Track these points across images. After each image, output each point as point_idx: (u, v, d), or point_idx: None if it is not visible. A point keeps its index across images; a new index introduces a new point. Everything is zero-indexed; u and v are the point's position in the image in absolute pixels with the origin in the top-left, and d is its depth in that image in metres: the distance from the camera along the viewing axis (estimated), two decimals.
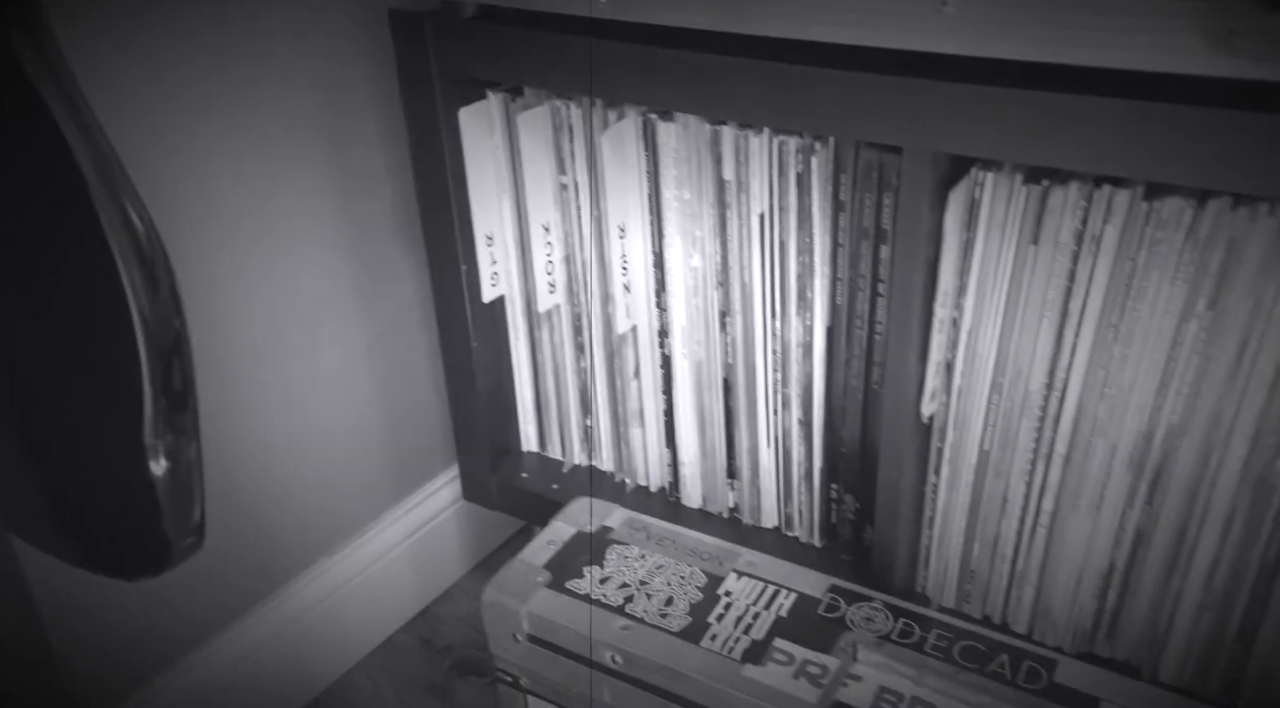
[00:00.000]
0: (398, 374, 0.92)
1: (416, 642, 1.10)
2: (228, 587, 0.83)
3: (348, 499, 0.96)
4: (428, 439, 0.99)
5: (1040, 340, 0.54)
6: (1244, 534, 0.52)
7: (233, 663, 0.84)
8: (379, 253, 0.84)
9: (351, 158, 0.79)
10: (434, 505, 1.09)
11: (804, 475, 0.70)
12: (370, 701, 1.03)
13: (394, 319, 0.88)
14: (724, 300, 0.67)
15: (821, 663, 0.54)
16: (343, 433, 0.89)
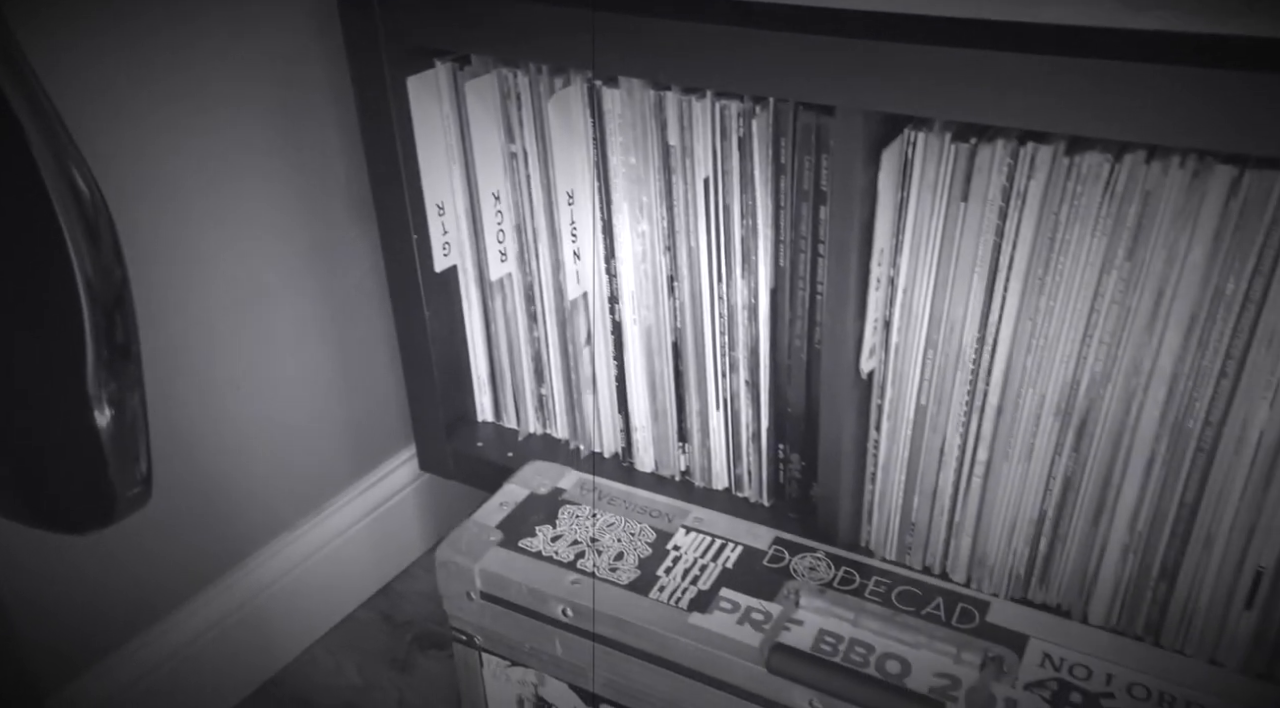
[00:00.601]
0: (354, 351, 0.93)
1: (378, 617, 1.11)
2: (185, 563, 0.83)
3: (306, 476, 0.96)
4: (386, 416, 1.00)
5: (972, 296, 0.56)
6: (1164, 477, 0.54)
7: (192, 638, 0.84)
8: (333, 227, 0.84)
9: (303, 133, 0.79)
10: (394, 483, 1.10)
11: (752, 436, 0.72)
12: (332, 675, 1.04)
13: (349, 295, 0.89)
14: (671, 265, 0.69)
15: (765, 610, 0.56)
16: (300, 410, 0.89)
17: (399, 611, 1.12)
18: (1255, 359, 0.49)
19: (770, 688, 0.53)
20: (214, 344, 0.78)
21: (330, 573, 1.06)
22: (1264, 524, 0.52)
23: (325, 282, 0.85)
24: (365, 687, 1.03)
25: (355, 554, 1.09)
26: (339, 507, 1.04)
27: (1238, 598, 0.55)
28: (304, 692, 1.02)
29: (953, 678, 0.51)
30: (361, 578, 1.12)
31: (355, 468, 1.04)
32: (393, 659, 1.05)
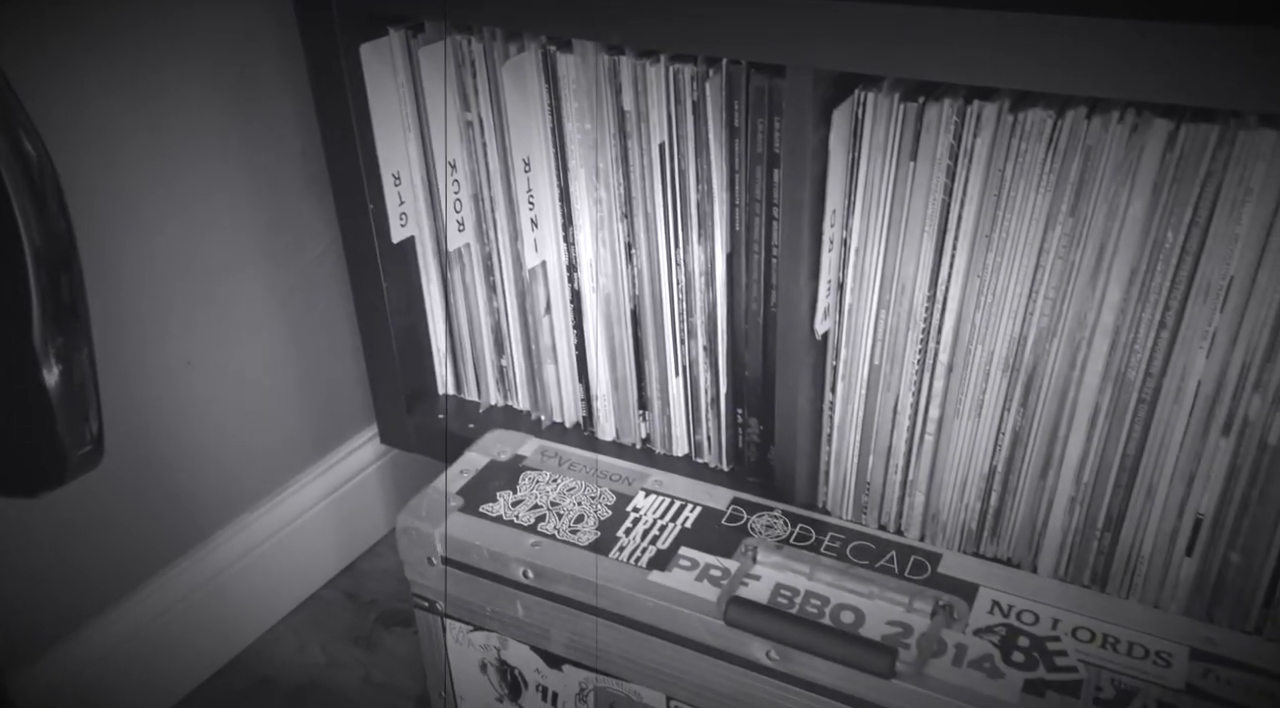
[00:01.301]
0: (314, 328, 0.92)
1: (342, 596, 1.11)
2: (144, 543, 0.82)
3: (266, 455, 0.95)
4: (348, 395, 0.99)
5: (922, 255, 0.57)
6: (1108, 429, 0.56)
7: (152, 618, 0.83)
8: (288, 200, 0.84)
9: (256, 104, 0.78)
10: (357, 462, 1.09)
11: (711, 402, 0.73)
12: (296, 654, 1.03)
13: (307, 270, 0.88)
14: (629, 232, 0.69)
15: (723, 566, 0.57)
16: (258, 388, 0.88)
17: (363, 589, 1.11)
18: (1193, 310, 0.51)
19: (729, 641, 0.53)
20: (168, 322, 0.77)
21: (293, 552, 1.05)
22: (1202, 472, 0.54)
23: (282, 256, 0.85)
24: (329, 665, 1.02)
25: (318, 533, 1.08)
26: (301, 486, 1.04)
27: (1179, 546, 0.56)
28: (267, 671, 1.01)
29: (905, 626, 0.52)
30: (325, 557, 1.11)
31: (317, 447, 1.03)
32: (357, 637, 1.05)
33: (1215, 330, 0.50)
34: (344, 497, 1.10)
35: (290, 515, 1.03)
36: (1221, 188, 0.47)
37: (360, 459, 1.10)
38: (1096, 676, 0.48)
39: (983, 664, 0.49)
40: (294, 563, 1.06)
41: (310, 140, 0.82)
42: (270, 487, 1.00)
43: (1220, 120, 0.47)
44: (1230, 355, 0.50)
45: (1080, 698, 0.47)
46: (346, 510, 1.11)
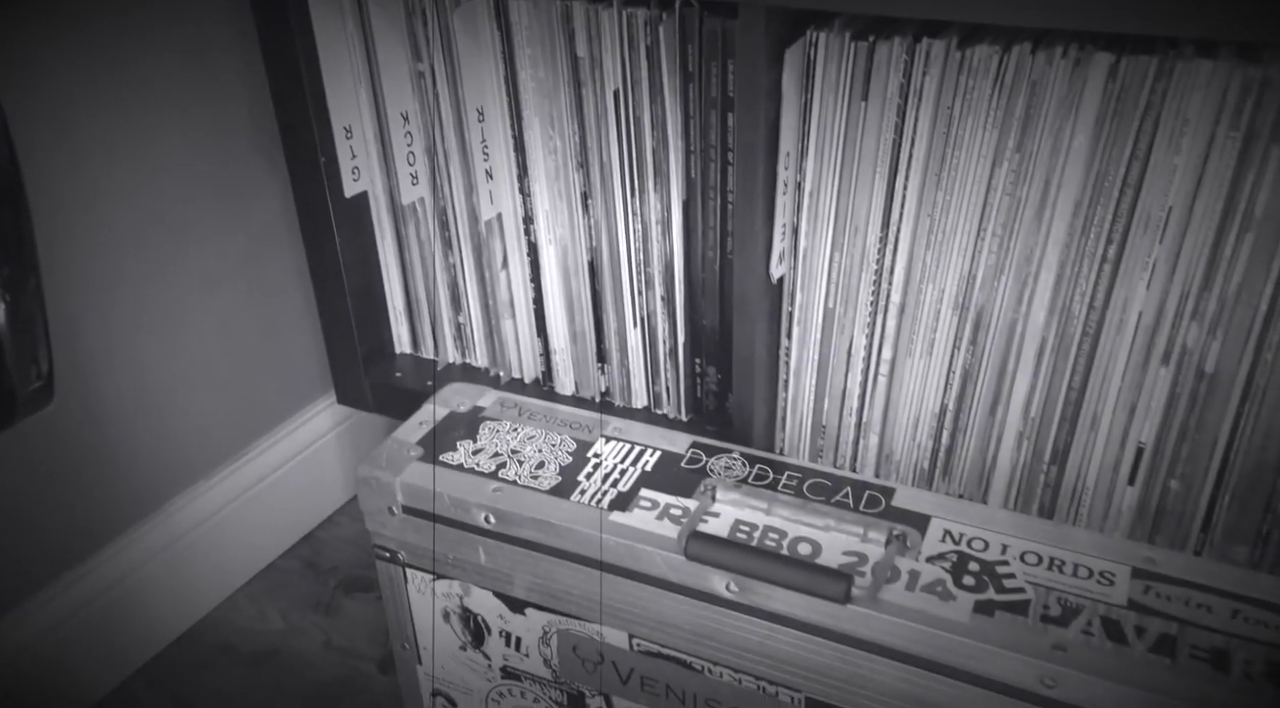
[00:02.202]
0: (269, 291, 0.91)
1: (301, 565, 1.10)
2: (94, 512, 0.81)
3: (220, 422, 0.94)
4: (305, 361, 0.98)
5: (874, 195, 0.58)
6: (1054, 363, 0.58)
7: (104, 588, 0.82)
8: (239, 157, 0.82)
9: (203, 58, 0.77)
10: (315, 429, 1.08)
11: (669, 352, 0.73)
12: (254, 621, 1.02)
13: (261, 230, 0.86)
14: (585, 182, 0.69)
15: (683, 506, 0.57)
16: (212, 353, 0.87)
17: (323, 558, 1.11)
18: (1134, 242, 0.52)
19: (689, 576, 0.54)
20: (116, 286, 0.75)
21: (250, 521, 1.04)
22: (1143, 402, 0.56)
23: (234, 216, 0.83)
24: (289, 631, 1.02)
25: (275, 502, 1.07)
26: (257, 453, 1.02)
27: (1121, 475, 0.58)
28: (226, 639, 1.00)
29: (860, 555, 0.53)
30: (283, 526, 1.10)
31: (273, 414, 1.02)
32: (317, 604, 1.05)
33: (1155, 261, 0.52)
34: (302, 465, 1.09)
35: (247, 483, 1.02)
36: (1160, 119, 0.49)
37: (318, 426, 1.09)
38: (1043, 595, 0.50)
39: (935, 588, 0.50)
40: (252, 531, 1.05)
41: (259, 94, 0.81)
42: (226, 454, 0.99)
43: (1159, 52, 0.48)
44: (1169, 286, 0.52)
45: (1028, 616, 0.49)
46: (305, 478, 1.10)
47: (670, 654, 0.58)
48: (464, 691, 0.68)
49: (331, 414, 1.05)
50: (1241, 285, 0.50)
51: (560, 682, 0.63)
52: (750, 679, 0.56)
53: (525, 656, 0.63)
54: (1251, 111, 0.46)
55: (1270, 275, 0.50)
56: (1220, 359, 0.52)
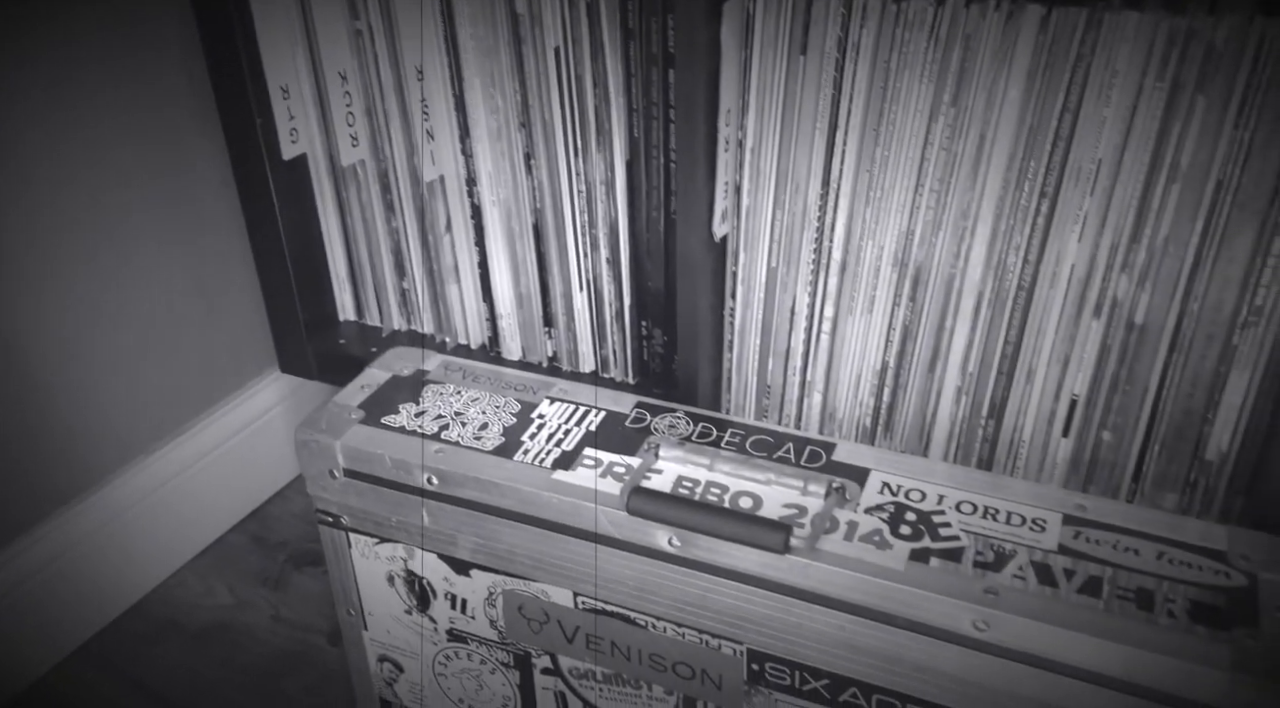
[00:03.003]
0: (211, 262, 0.89)
1: (249, 540, 1.08)
2: (34, 486, 0.79)
3: (163, 396, 0.92)
4: (251, 335, 0.96)
5: (814, 152, 0.58)
6: (990, 318, 0.58)
7: (46, 562, 0.80)
8: (174, 122, 0.80)
9: (133, 17, 0.74)
10: (261, 403, 1.07)
11: (615, 315, 0.73)
12: (202, 596, 1.01)
13: (200, 199, 0.84)
14: (527, 142, 0.68)
15: (626, 463, 0.57)
16: (153, 326, 0.85)
17: (272, 533, 1.09)
18: (1066, 194, 0.53)
19: (632, 531, 0.54)
20: (53, 256, 0.73)
21: (196, 496, 1.02)
22: (1076, 355, 0.57)
23: (170, 180, 0.81)
24: (237, 605, 1.00)
25: (221, 476, 1.05)
26: (201, 428, 1.01)
27: (1056, 427, 0.59)
28: (173, 614, 0.99)
29: (800, 508, 0.53)
30: (230, 501, 1.09)
31: (217, 387, 1.00)
32: (265, 578, 1.03)
33: (1086, 214, 0.53)
34: (248, 439, 1.07)
35: (190, 458, 1.00)
36: (1090, 71, 0.49)
37: (265, 400, 1.07)
38: (977, 542, 0.50)
39: (872, 538, 0.51)
40: (197, 506, 1.04)
41: (194, 55, 0.78)
42: (168, 429, 0.97)
43: (1089, 4, 0.49)
44: (1100, 238, 0.53)
45: (961, 563, 0.49)
46: (252, 453, 1.08)
47: (615, 611, 0.58)
48: (410, 655, 0.67)
49: (279, 388, 1.03)
50: (1169, 237, 0.51)
51: (506, 643, 0.63)
52: (693, 634, 0.56)
53: (471, 618, 0.63)
54: (1177, 62, 0.47)
55: (1196, 226, 0.51)
56: (1149, 311, 0.54)
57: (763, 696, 0.56)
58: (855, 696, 0.53)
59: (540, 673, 0.63)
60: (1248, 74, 0.46)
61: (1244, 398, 0.53)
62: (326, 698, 0.89)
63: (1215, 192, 0.49)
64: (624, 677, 0.60)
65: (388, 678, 0.70)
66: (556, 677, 0.62)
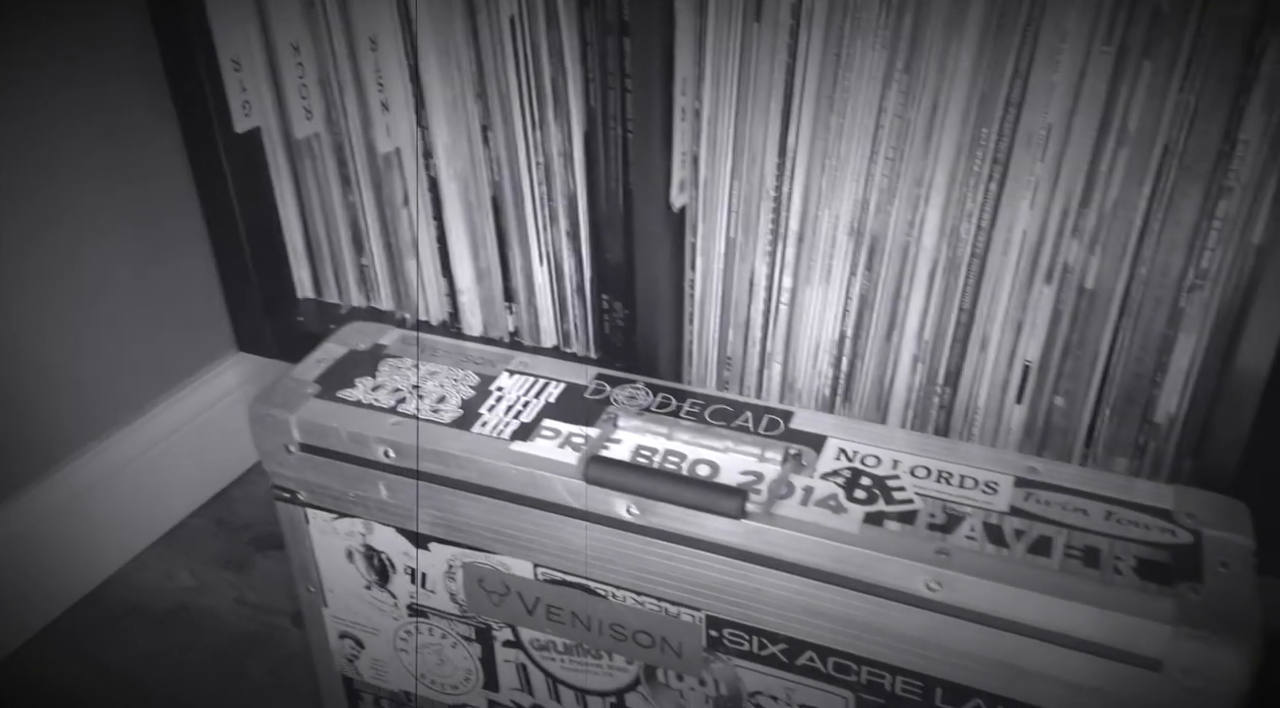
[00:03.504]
0: (167, 242, 0.87)
1: (211, 524, 1.07)
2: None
3: (122, 378, 0.91)
4: (209, 315, 0.95)
5: (770, 121, 0.58)
6: (945, 286, 0.59)
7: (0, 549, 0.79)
8: (126, 104, 0.78)
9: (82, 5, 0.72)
10: (223, 385, 1.05)
11: (576, 289, 0.73)
12: (163, 580, 1.00)
13: (154, 177, 0.83)
14: (484, 113, 0.67)
15: (585, 433, 0.57)
16: (110, 307, 0.84)
17: (234, 516, 1.08)
18: (1017, 160, 0.53)
19: (590, 501, 0.54)
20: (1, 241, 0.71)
21: (156, 479, 1.01)
22: (1029, 321, 0.57)
23: (123, 162, 0.79)
24: (200, 588, 0.99)
25: (183, 460, 1.04)
26: (161, 410, 0.99)
27: (1010, 394, 0.60)
28: (135, 597, 0.98)
29: (757, 474, 0.54)
30: (191, 484, 1.07)
31: (177, 370, 0.99)
32: (228, 561, 1.02)
33: (1037, 180, 0.53)
34: (210, 422, 1.06)
35: (150, 441, 0.99)
36: (1039, 35, 0.49)
37: (226, 383, 1.05)
38: (931, 506, 0.51)
39: (828, 502, 0.51)
40: (158, 490, 1.02)
41: (141, 26, 0.77)
42: (126, 412, 0.95)
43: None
44: (1051, 203, 0.54)
45: (915, 525, 0.50)
46: (213, 436, 1.07)
47: (574, 581, 0.58)
48: (371, 631, 0.67)
49: (240, 370, 1.02)
50: (1118, 201, 0.52)
51: (467, 616, 0.63)
52: (653, 602, 0.56)
53: (431, 592, 0.63)
54: (1124, 26, 0.48)
55: (1143, 190, 0.51)
56: (1099, 276, 0.54)
57: (722, 662, 0.56)
58: (812, 659, 0.53)
59: (501, 646, 0.63)
60: (1192, 37, 0.47)
61: (1191, 361, 0.54)
62: (290, 679, 0.89)
63: (1162, 155, 0.50)
64: (585, 647, 0.60)
65: (349, 655, 0.69)
66: (518, 649, 0.62)
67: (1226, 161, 0.49)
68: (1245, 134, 0.47)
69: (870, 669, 0.52)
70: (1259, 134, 0.47)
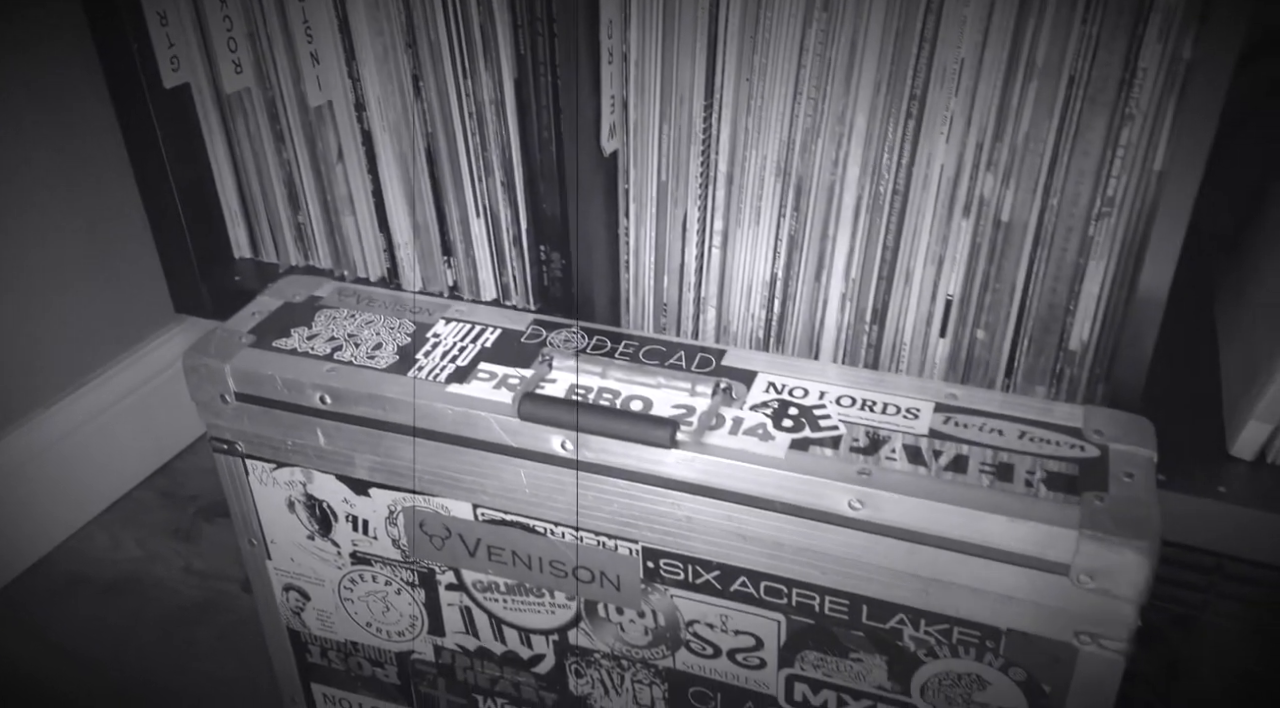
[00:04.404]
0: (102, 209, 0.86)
1: (157, 496, 1.06)
2: None
3: (59, 349, 0.89)
4: (151, 284, 0.94)
5: (696, 62, 0.59)
6: (869, 224, 0.60)
7: None
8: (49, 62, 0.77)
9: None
10: (166, 354, 1.04)
11: (514, 241, 0.73)
12: (109, 551, 0.99)
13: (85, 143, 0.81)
14: (415, 63, 0.67)
15: (520, 375, 0.58)
16: (45, 276, 0.82)
17: (181, 487, 1.08)
18: (933, 96, 0.55)
19: (525, 438, 0.55)
20: None
21: (99, 450, 1.00)
22: (949, 255, 0.59)
23: (51, 123, 0.78)
24: (147, 558, 0.99)
25: (127, 431, 1.03)
26: (101, 381, 0.98)
27: (934, 328, 0.62)
28: (80, 568, 0.97)
29: (688, 407, 0.55)
30: (137, 456, 1.06)
31: (117, 340, 0.98)
32: (176, 531, 1.02)
33: (952, 114, 0.55)
34: (153, 393, 1.05)
35: (92, 412, 0.98)
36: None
37: (170, 352, 1.05)
38: (854, 431, 0.53)
39: (756, 431, 0.53)
40: (102, 461, 1.01)
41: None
42: (66, 383, 0.94)
43: None
44: (966, 138, 0.55)
45: (839, 449, 0.52)
46: (157, 407, 1.06)
47: (514, 521, 0.59)
48: (315, 581, 0.67)
49: (184, 339, 1.01)
50: (1029, 134, 0.54)
51: (410, 562, 0.63)
52: (591, 536, 0.57)
53: (374, 539, 0.63)
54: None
55: (1052, 123, 0.53)
56: (1014, 208, 0.56)
57: (659, 592, 0.57)
58: (745, 584, 0.55)
59: (445, 589, 0.64)
60: None
61: (1101, 288, 0.56)
62: (240, 643, 0.89)
63: (1068, 87, 0.52)
64: (526, 586, 0.61)
65: (294, 608, 0.70)
66: (461, 592, 0.63)
67: (1127, 90, 0.50)
68: (1144, 62, 0.49)
69: (800, 591, 0.54)
70: (1156, 62, 0.49)
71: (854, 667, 0.54)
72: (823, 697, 0.57)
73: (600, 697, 0.63)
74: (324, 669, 0.72)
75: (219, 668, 0.86)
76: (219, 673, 0.85)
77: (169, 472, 1.10)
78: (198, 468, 1.11)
